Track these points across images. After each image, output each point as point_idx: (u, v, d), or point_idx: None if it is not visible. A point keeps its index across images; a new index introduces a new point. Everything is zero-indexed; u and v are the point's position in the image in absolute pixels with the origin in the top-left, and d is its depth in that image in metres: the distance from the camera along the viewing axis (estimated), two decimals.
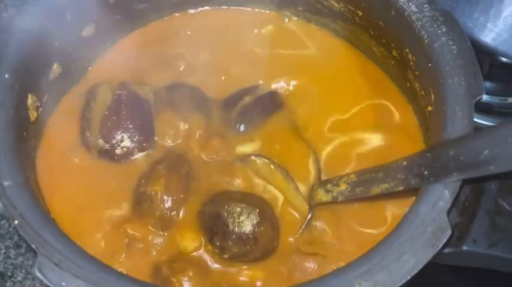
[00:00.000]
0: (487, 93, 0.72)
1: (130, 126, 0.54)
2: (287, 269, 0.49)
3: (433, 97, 0.50)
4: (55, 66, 0.55)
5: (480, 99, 0.47)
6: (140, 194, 0.52)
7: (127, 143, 0.54)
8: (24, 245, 0.72)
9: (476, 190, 0.44)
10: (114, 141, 0.54)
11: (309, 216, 0.51)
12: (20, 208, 0.40)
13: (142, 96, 0.56)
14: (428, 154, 0.43)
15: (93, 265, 0.37)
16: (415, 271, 0.37)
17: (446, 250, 0.42)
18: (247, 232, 0.49)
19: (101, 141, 0.54)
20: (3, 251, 0.71)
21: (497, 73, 0.70)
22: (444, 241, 0.38)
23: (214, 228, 0.49)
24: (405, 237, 0.38)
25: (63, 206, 0.50)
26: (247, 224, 0.49)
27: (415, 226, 0.39)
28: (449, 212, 0.40)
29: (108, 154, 0.54)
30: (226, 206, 0.50)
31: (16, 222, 0.39)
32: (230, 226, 0.49)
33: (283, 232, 0.51)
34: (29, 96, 0.51)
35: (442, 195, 0.40)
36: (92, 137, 0.54)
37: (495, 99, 0.72)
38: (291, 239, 0.51)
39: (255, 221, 0.49)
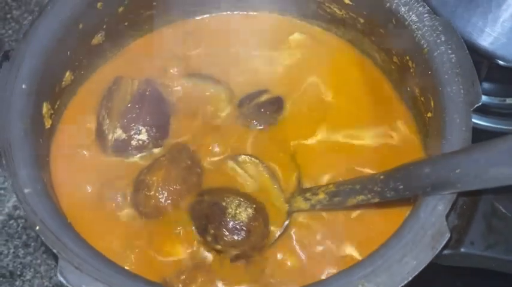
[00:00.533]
0: (486, 95, 0.73)
1: (151, 121, 0.56)
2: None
3: (432, 104, 0.52)
4: (67, 74, 0.57)
5: (478, 106, 0.49)
6: (139, 183, 0.54)
7: (144, 136, 0.56)
8: (32, 244, 0.73)
9: (473, 195, 0.46)
10: (132, 132, 0.55)
11: (286, 222, 0.53)
12: (40, 214, 0.42)
13: (164, 97, 0.58)
14: (404, 170, 0.45)
15: (110, 267, 0.39)
16: (416, 273, 0.39)
17: (445, 252, 0.44)
18: (242, 222, 0.50)
19: (118, 131, 0.55)
20: (12, 251, 0.72)
21: (496, 74, 0.72)
22: (443, 243, 0.40)
23: (210, 216, 0.51)
24: (406, 240, 0.40)
25: (76, 209, 0.52)
26: (243, 215, 0.51)
27: (415, 230, 0.41)
28: (447, 216, 0.42)
29: (123, 144, 0.56)
30: (225, 197, 0.52)
31: (37, 228, 0.41)
32: (227, 214, 0.51)
33: None
34: (44, 105, 0.52)
35: (440, 200, 0.42)
36: (111, 125, 0.55)
37: (494, 100, 0.74)
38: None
39: (251, 215, 0.51)
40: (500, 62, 0.64)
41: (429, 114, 0.53)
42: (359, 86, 0.62)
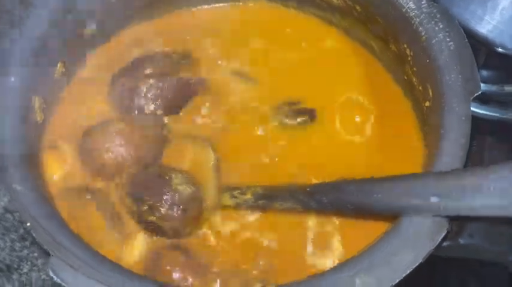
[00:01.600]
0: (484, 82, 0.72)
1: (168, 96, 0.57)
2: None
3: (431, 93, 0.51)
4: (59, 65, 0.56)
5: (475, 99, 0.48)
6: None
7: (152, 107, 0.57)
8: (29, 238, 0.73)
9: None
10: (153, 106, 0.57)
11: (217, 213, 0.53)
12: (33, 211, 0.41)
13: (186, 80, 0.59)
14: (329, 185, 0.47)
15: (105, 265, 0.39)
16: (415, 265, 0.39)
17: (444, 244, 0.44)
18: (183, 199, 0.51)
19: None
20: (8, 244, 0.72)
21: (494, 62, 0.70)
22: (442, 236, 0.40)
23: (151, 187, 0.51)
24: (405, 233, 0.40)
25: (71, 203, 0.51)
26: (185, 192, 0.51)
27: (415, 223, 0.40)
28: None
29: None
30: (173, 173, 0.52)
31: (28, 224, 0.40)
32: (170, 187, 0.51)
33: None
34: (36, 99, 0.51)
35: None
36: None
37: (492, 88, 0.73)
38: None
39: (192, 194, 0.51)
40: (499, 50, 0.63)
41: (427, 104, 0.52)
42: (355, 74, 0.61)
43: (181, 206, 0.50)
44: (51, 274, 0.37)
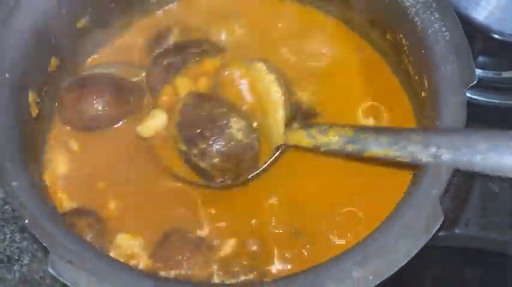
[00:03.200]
0: (481, 68, 0.73)
1: None
2: None
3: (426, 83, 0.51)
4: (53, 60, 0.56)
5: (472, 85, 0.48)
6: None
7: None
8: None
9: (468, 176, 0.46)
10: None
11: (277, 153, 0.50)
12: (29, 207, 0.41)
13: None
14: (452, 133, 0.42)
15: (102, 260, 0.39)
16: (410, 256, 0.39)
17: (440, 233, 0.45)
18: (237, 148, 0.47)
19: None
20: (8, 236, 0.73)
21: (491, 48, 0.71)
22: (437, 226, 0.40)
23: (205, 128, 0.47)
24: (400, 224, 0.40)
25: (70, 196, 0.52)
26: (241, 142, 0.47)
27: (409, 214, 0.40)
28: (441, 199, 0.41)
29: None
30: (231, 115, 0.47)
31: (26, 221, 0.40)
32: (225, 131, 0.47)
33: None
34: (30, 93, 0.51)
35: (434, 183, 0.42)
36: None
37: (489, 74, 0.73)
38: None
39: (247, 145, 0.47)
40: (496, 36, 0.63)
41: (423, 94, 0.52)
42: (353, 64, 0.61)
43: (234, 158, 0.46)
44: (50, 270, 0.38)
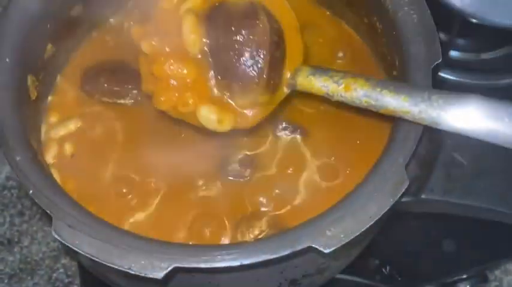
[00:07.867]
0: (460, 50, 0.75)
1: None
2: None
3: (397, 63, 0.55)
4: (49, 46, 0.58)
5: (438, 64, 0.52)
6: None
7: None
8: (27, 213, 0.76)
9: (433, 146, 0.50)
10: None
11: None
12: (32, 179, 0.45)
13: None
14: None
15: (102, 224, 0.43)
16: (378, 217, 0.43)
17: (408, 199, 0.49)
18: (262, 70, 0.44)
19: None
20: (8, 219, 0.76)
21: (469, 30, 0.72)
22: (402, 191, 0.44)
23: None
24: (369, 189, 0.44)
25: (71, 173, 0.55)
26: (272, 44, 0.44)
27: (377, 180, 0.45)
28: (407, 167, 0.46)
29: None
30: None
31: (31, 191, 0.44)
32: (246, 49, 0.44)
33: None
34: (29, 77, 0.54)
35: (401, 153, 0.46)
36: None
37: (468, 56, 0.76)
38: None
39: (278, 57, 0.44)
40: (473, 20, 0.63)
41: (395, 73, 0.56)
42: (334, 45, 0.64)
43: (264, 75, 0.44)
44: (54, 234, 0.41)
